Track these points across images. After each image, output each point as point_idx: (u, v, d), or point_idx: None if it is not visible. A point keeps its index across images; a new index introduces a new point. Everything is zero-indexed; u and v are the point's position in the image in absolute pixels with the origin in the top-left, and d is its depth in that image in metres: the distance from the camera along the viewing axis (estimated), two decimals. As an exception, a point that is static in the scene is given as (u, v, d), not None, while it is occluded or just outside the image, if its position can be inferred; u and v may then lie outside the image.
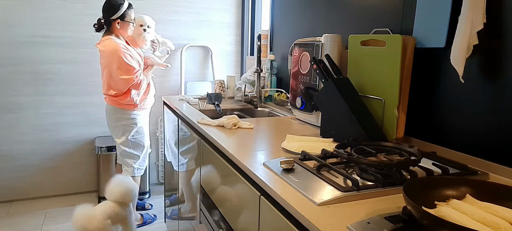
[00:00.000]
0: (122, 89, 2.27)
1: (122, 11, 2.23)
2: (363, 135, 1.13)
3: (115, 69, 2.20)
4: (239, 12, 3.20)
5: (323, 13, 1.84)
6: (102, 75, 2.30)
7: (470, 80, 1.08)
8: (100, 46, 2.26)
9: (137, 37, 2.41)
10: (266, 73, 2.28)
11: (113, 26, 2.26)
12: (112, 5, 2.23)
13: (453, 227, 0.55)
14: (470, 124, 1.09)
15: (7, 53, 2.58)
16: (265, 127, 1.50)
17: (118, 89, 2.26)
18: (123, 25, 2.27)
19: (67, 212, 2.63)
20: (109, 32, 2.28)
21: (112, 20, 2.23)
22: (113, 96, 2.28)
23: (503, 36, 0.99)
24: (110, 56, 2.20)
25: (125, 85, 2.25)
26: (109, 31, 2.29)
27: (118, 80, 2.23)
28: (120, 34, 2.30)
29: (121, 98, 2.28)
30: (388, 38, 1.19)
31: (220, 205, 1.28)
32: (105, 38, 2.25)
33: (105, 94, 2.33)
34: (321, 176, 0.90)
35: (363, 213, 0.73)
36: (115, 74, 2.21)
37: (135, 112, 2.34)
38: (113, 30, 2.27)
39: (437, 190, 0.74)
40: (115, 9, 2.22)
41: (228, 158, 1.18)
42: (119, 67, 2.20)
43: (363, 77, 1.30)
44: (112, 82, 2.25)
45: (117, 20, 2.24)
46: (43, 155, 2.80)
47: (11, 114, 2.67)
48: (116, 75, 2.21)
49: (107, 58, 2.22)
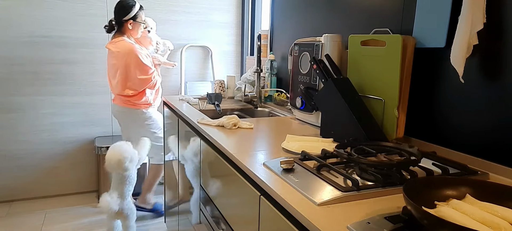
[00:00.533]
0: (139, 89, 2.33)
1: (134, 11, 2.29)
2: (363, 135, 1.13)
3: (133, 70, 2.26)
4: (239, 12, 3.20)
5: (323, 13, 1.84)
6: (114, 76, 2.33)
7: (470, 80, 1.08)
8: (113, 47, 2.30)
9: (143, 39, 2.47)
10: (266, 73, 2.28)
11: (125, 27, 2.31)
12: (125, 6, 2.29)
13: (453, 227, 0.55)
14: (470, 124, 1.09)
15: (7, 53, 2.58)
16: (265, 127, 1.50)
17: (135, 89, 2.32)
18: (135, 26, 2.33)
19: (67, 212, 2.63)
20: (121, 33, 2.33)
21: (124, 21, 2.29)
22: (128, 97, 2.34)
23: (503, 36, 0.99)
24: (127, 57, 2.25)
25: (142, 85, 2.32)
26: (120, 32, 2.34)
27: (135, 81, 2.29)
28: (131, 35, 2.35)
29: (136, 99, 2.34)
30: (388, 38, 1.19)
31: (220, 205, 1.28)
32: (118, 39, 2.30)
33: (119, 95, 2.36)
34: (321, 176, 0.90)
35: (363, 213, 0.73)
36: (132, 74, 2.27)
37: (149, 110, 2.42)
38: (124, 31, 2.33)
39: (437, 190, 0.74)
40: (128, 10, 2.28)
41: (228, 158, 1.18)
42: (136, 68, 2.26)
43: (363, 77, 1.30)
44: (130, 82, 2.30)
45: (130, 21, 2.30)
46: (43, 155, 2.80)
47: (11, 114, 2.67)
48: (134, 75, 2.27)
49: (122, 59, 2.26)
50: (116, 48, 2.27)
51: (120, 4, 2.30)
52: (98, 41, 2.78)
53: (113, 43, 2.30)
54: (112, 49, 2.29)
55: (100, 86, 2.85)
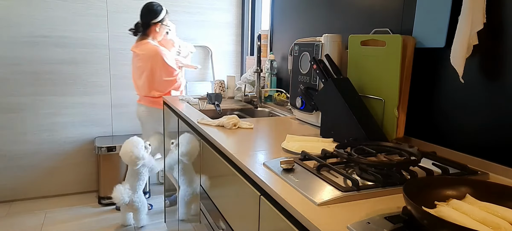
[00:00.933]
0: (165, 91, 2.39)
1: (163, 15, 2.36)
2: (363, 135, 1.13)
3: (158, 72, 2.31)
4: (239, 12, 3.20)
5: (323, 13, 1.84)
6: (139, 77, 2.40)
7: (470, 80, 1.08)
8: (138, 50, 2.36)
9: (165, 41, 2.52)
10: (266, 73, 2.28)
11: (151, 30, 2.37)
12: (153, 10, 2.35)
13: (453, 227, 0.55)
14: (470, 124, 1.09)
15: (7, 53, 2.58)
16: (265, 127, 1.50)
17: (161, 91, 2.38)
18: (162, 28, 2.40)
19: (67, 212, 2.63)
20: (146, 36, 2.38)
21: (153, 23, 2.35)
22: (155, 98, 2.39)
23: (503, 36, 0.99)
24: (153, 59, 2.30)
25: (168, 87, 2.39)
26: (145, 35, 2.39)
27: (161, 82, 2.35)
28: (155, 38, 2.41)
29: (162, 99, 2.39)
30: (388, 38, 1.19)
31: (220, 205, 1.28)
32: (143, 42, 2.36)
33: (146, 96, 2.42)
34: (321, 176, 0.90)
35: (363, 213, 0.73)
36: (158, 76, 2.33)
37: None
38: (149, 33, 2.38)
39: (437, 190, 0.74)
40: (157, 13, 2.35)
41: (228, 158, 1.18)
42: (162, 69, 2.32)
43: (363, 77, 1.30)
44: (156, 84, 2.36)
45: (158, 24, 2.36)
46: (43, 155, 2.80)
47: (11, 114, 2.67)
48: (159, 77, 2.33)
49: (148, 61, 2.32)
50: (141, 50, 2.34)
51: (148, 8, 2.36)
52: (98, 41, 2.79)
53: (138, 45, 2.36)
54: (137, 51, 2.36)
55: (100, 86, 2.85)
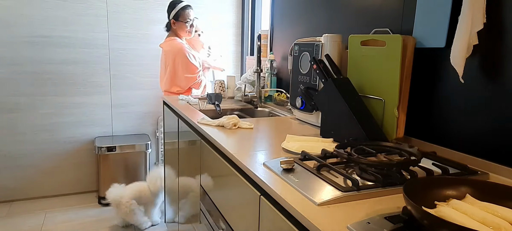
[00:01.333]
0: (185, 87, 2.44)
1: (175, 11, 2.38)
2: (363, 135, 1.13)
3: (180, 68, 2.36)
4: (239, 12, 3.20)
5: (323, 13, 1.84)
6: (164, 73, 2.46)
7: (470, 80, 1.08)
8: (164, 46, 2.42)
9: (195, 42, 2.58)
10: (266, 73, 2.28)
11: (173, 27, 2.43)
12: (170, 5, 2.40)
13: (453, 227, 0.55)
14: (470, 124, 1.09)
15: (7, 53, 2.58)
16: (265, 127, 1.50)
17: (181, 87, 2.43)
18: (179, 25, 2.42)
19: (67, 212, 2.63)
20: (173, 33, 2.45)
21: (169, 20, 2.42)
22: (175, 94, 2.44)
23: (503, 36, 0.99)
24: (176, 56, 2.36)
25: (188, 83, 2.43)
26: (172, 32, 2.46)
27: (182, 78, 2.40)
28: (179, 35, 2.45)
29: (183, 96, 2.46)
30: (388, 38, 1.19)
31: (220, 205, 1.28)
32: (170, 39, 2.42)
33: (167, 91, 2.48)
34: (321, 176, 0.90)
35: (363, 213, 0.73)
36: (180, 72, 2.38)
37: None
38: (173, 30, 2.45)
39: (437, 190, 0.74)
40: (170, 9, 2.40)
41: (228, 158, 1.18)
42: (184, 66, 2.36)
43: (363, 77, 1.30)
44: (177, 80, 2.41)
45: (172, 20, 2.39)
46: (43, 155, 2.80)
47: (11, 114, 2.67)
48: (181, 73, 2.38)
49: (171, 57, 2.37)
50: (167, 47, 2.41)
51: (169, 3, 2.41)
52: (98, 41, 2.79)
53: (165, 42, 2.43)
54: (163, 48, 2.43)
55: (100, 86, 2.85)
